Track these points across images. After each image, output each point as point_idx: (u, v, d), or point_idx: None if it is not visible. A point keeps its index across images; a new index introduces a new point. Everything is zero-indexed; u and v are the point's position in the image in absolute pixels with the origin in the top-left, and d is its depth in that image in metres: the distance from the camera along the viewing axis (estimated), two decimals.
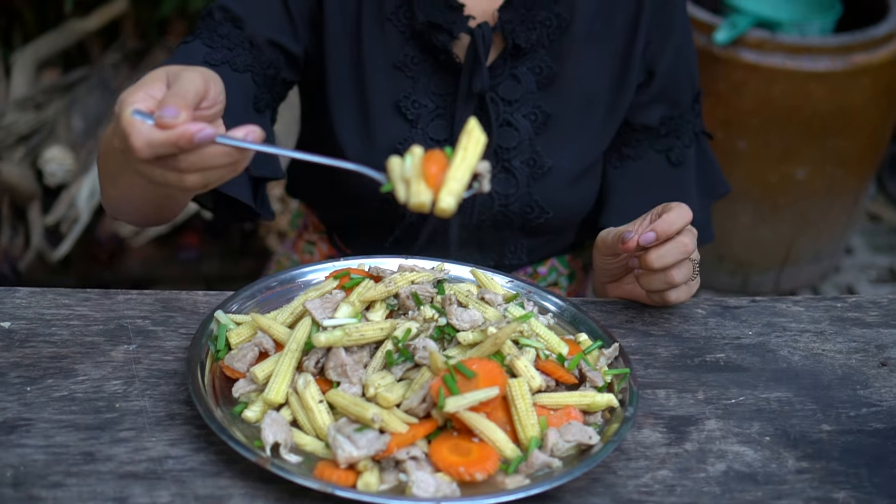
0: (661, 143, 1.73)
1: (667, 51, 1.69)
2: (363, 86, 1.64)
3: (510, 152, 1.65)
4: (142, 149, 1.11)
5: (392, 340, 1.29)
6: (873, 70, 2.88)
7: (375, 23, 1.63)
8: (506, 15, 1.61)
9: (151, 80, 1.16)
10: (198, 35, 1.56)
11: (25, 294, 1.46)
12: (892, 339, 1.51)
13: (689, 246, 1.40)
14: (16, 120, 2.79)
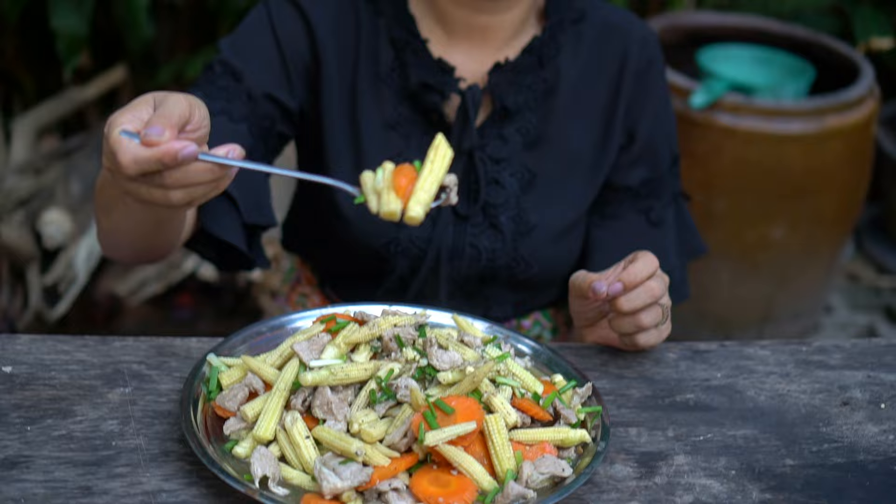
0: (641, 204, 1.80)
1: (646, 116, 1.78)
2: (358, 143, 1.72)
3: (497, 209, 1.73)
4: (128, 165, 1.18)
5: (375, 380, 1.36)
6: (846, 132, 2.98)
7: (371, 83, 1.72)
8: (495, 78, 1.71)
9: (139, 104, 1.23)
10: (198, 86, 1.65)
11: (26, 341, 1.53)
12: (854, 380, 1.58)
13: (657, 290, 1.47)
14: (16, 185, 2.87)
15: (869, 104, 3.04)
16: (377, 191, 1.28)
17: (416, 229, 1.70)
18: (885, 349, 1.66)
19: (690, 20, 3.42)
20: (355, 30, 1.72)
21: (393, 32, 1.71)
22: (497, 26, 1.71)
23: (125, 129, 1.18)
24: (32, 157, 3.02)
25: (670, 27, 3.35)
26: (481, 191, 1.71)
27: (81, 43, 3.05)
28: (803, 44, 3.33)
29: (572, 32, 1.76)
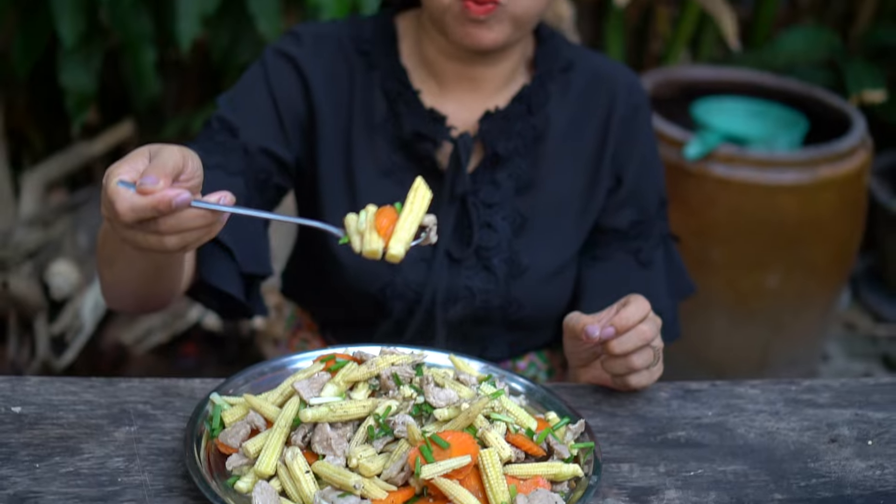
0: (630, 245, 1.85)
1: (633, 161, 1.83)
2: (354, 191, 1.78)
3: (490, 251, 1.78)
4: (125, 213, 1.24)
5: (373, 417, 1.40)
6: (839, 182, 3.03)
7: (365, 133, 1.78)
8: (485, 126, 1.76)
9: (135, 156, 1.29)
10: (197, 141, 1.72)
11: (35, 383, 1.57)
12: (842, 418, 1.62)
13: (648, 334, 1.52)
14: (24, 237, 2.93)
15: (861, 155, 3.10)
16: (360, 231, 1.37)
17: (411, 273, 1.75)
18: (872, 388, 1.70)
19: (686, 74, 3.49)
20: (349, 83, 1.78)
21: (386, 84, 1.77)
22: (487, 77, 1.78)
23: (122, 179, 1.24)
24: (41, 211, 3.08)
25: (665, 81, 3.42)
26: (474, 234, 1.76)
27: (89, 99, 3.12)
28: (796, 97, 3.39)
29: (561, 81, 1.82)
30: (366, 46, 1.79)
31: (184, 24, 2.93)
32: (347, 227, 1.39)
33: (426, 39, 1.77)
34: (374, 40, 1.80)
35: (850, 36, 4.06)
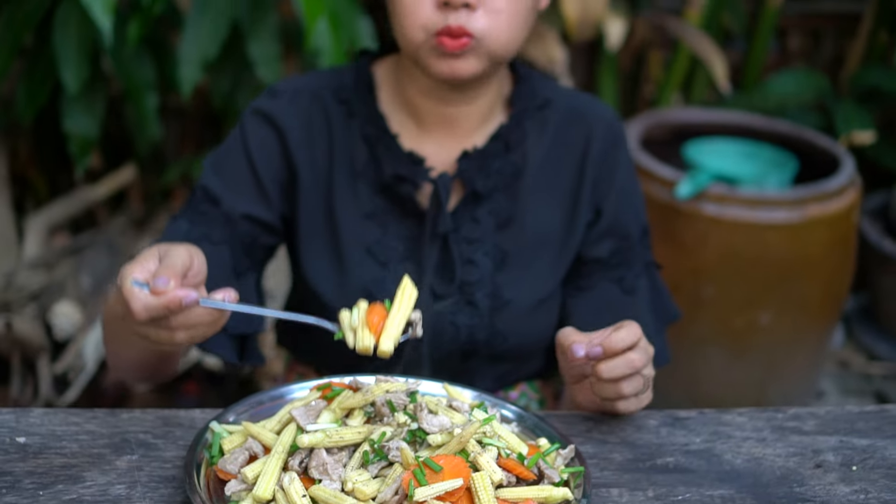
0: (613, 274, 1.88)
1: (612, 192, 1.87)
2: (337, 235, 1.82)
3: (473, 286, 1.82)
4: (140, 312, 1.34)
5: (368, 442, 1.44)
6: (828, 221, 3.08)
7: (347, 179, 1.83)
8: (464, 164, 1.81)
9: (146, 257, 1.40)
10: (184, 213, 1.80)
11: (39, 414, 1.61)
12: (828, 444, 1.65)
13: (637, 362, 1.55)
14: (28, 280, 2.98)
15: (850, 194, 3.15)
16: (353, 328, 1.49)
17: None
18: (857, 416, 1.74)
19: (677, 117, 3.55)
20: (328, 132, 1.83)
21: (365, 130, 1.82)
22: (465, 116, 1.82)
23: (136, 280, 1.36)
24: (44, 254, 3.13)
25: (657, 123, 3.48)
26: (456, 271, 1.80)
27: (92, 144, 3.17)
28: (786, 138, 3.45)
29: (538, 118, 1.86)
30: (345, 95, 1.85)
31: (185, 70, 2.99)
32: (342, 323, 1.50)
33: (406, 81, 1.82)
34: (353, 88, 1.85)
35: (840, 79, 4.12)
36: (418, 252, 1.82)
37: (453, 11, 1.65)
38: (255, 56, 3.05)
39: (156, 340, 1.41)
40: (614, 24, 3.29)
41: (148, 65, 3.11)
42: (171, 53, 3.15)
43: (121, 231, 3.30)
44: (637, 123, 3.41)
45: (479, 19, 1.66)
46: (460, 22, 1.65)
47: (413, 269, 1.81)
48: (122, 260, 3.18)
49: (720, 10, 3.87)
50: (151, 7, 2.87)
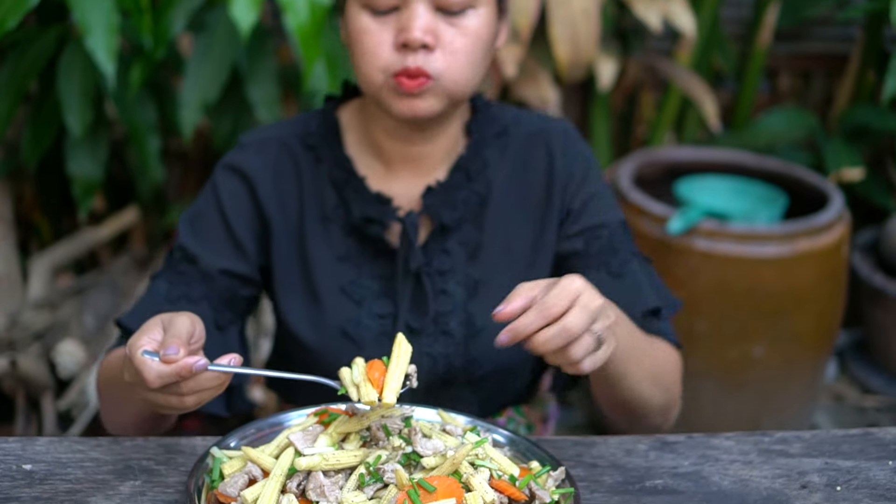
0: (595, 261, 1.85)
1: (578, 190, 1.88)
2: (311, 278, 1.86)
3: (447, 316, 1.85)
4: (153, 380, 1.42)
5: (364, 465, 1.49)
6: (818, 254, 3.14)
7: (318, 223, 1.87)
8: (428, 199, 1.84)
9: (152, 327, 1.48)
10: (163, 272, 1.85)
11: (45, 442, 1.66)
12: (813, 466, 1.70)
13: (575, 327, 1.43)
14: (33, 319, 3.03)
15: (839, 228, 3.21)
16: (356, 384, 1.54)
17: (375, 348, 1.82)
18: (841, 439, 1.78)
19: (669, 155, 3.62)
20: (297, 178, 1.88)
21: (333, 174, 1.86)
22: (429, 154, 1.86)
23: (146, 350, 1.43)
24: (48, 294, 3.18)
25: (650, 162, 3.55)
26: (430, 303, 1.84)
27: (96, 187, 3.24)
28: (776, 175, 3.52)
29: (496, 145, 1.89)
30: (312, 140, 1.88)
31: (186, 112, 3.05)
32: (343, 381, 1.55)
33: (370, 123, 1.85)
34: (319, 134, 1.89)
35: (829, 117, 4.20)
36: (392, 289, 1.85)
37: (412, 53, 1.69)
38: (254, 99, 3.12)
39: (165, 406, 1.47)
40: (606, 66, 3.36)
41: (150, 108, 3.18)
42: (172, 97, 3.22)
43: (123, 271, 3.36)
44: (629, 162, 3.47)
45: (436, 60, 1.71)
46: (418, 63, 1.69)
47: (388, 305, 1.85)
48: (124, 300, 3.23)
49: (710, 52, 3.95)
50: (153, 52, 2.95)
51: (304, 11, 2.78)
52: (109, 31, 2.78)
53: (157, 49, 2.95)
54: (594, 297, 1.47)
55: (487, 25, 1.75)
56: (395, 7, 1.71)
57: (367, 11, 1.72)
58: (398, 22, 1.71)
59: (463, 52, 1.72)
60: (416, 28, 1.68)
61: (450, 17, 1.71)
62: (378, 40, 1.71)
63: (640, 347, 1.73)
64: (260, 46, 3.12)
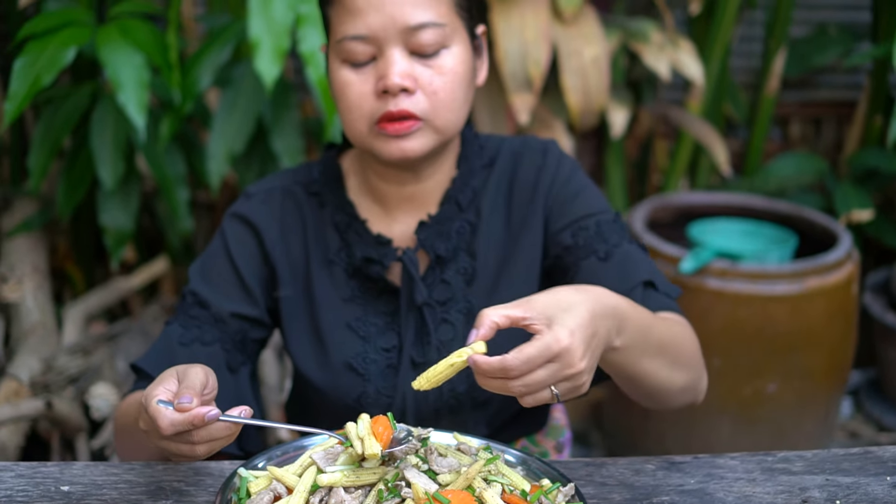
0: (585, 251, 1.87)
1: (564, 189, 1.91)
2: (317, 320, 1.92)
3: (449, 344, 1.90)
4: (167, 428, 1.48)
5: (383, 482, 1.57)
6: (827, 292, 3.21)
7: (323, 266, 1.93)
8: (422, 234, 1.90)
9: (167, 378, 1.55)
10: (176, 318, 1.91)
11: (81, 466, 1.75)
12: (814, 483, 1.76)
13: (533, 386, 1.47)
14: (67, 364, 3.14)
15: (848, 267, 3.28)
16: (361, 437, 1.59)
17: (381, 381, 1.89)
18: (842, 458, 1.85)
19: (683, 200, 3.71)
20: (302, 224, 1.94)
21: (336, 218, 1.93)
22: (424, 193, 1.92)
23: (161, 400, 1.50)
24: (82, 340, 3.30)
25: (663, 206, 3.64)
26: (432, 335, 1.89)
27: (127, 238, 3.36)
28: (786, 217, 3.60)
29: (483, 174, 1.94)
30: (315, 187, 1.95)
31: (213, 164, 3.17)
32: (349, 434, 1.60)
33: (367, 169, 1.92)
34: (322, 181, 1.95)
35: (839, 161, 4.28)
36: (397, 324, 1.91)
37: (392, 98, 1.75)
38: (278, 150, 3.23)
39: (177, 453, 1.55)
40: (618, 114, 3.47)
41: (179, 161, 3.30)
42: (200, 149, 3.35)
43: (154, 319, 3.47)
44: (643, 206, 3.57)
45: (419, 101, 1.76)
46: (400, 106, 1.75)
47: (393, 339, 1.91)
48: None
49: (721, 100, 4.05)
50: (182, 106, 3.08)
51: (325, 65, 2.90)
52: (140, 87, 2.90)
53: (185, 103, 3.08)
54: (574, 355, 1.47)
55: (463, 63, 1.80)
56: (373, 57, 1.76)
57: (347, 66, 1.78)
58: (377, 71, 1.76)
59: (443, 90, 1.77)
60: (393, 74, 1.73)
61: (425, 60, 1.76)
62: (359, 91, 1.77)
63: (654, 337, 1.69)
64: (284, 99, 3.25)
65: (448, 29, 1.77)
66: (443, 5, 1.77)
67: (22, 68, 2.88)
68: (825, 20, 4.44)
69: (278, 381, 3.20)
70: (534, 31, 3.21)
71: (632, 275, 1.81)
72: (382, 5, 1.73)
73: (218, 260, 1.93)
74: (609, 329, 1.55)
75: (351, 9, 1.75)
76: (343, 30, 1.76)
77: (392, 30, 1.74)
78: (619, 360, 1.64)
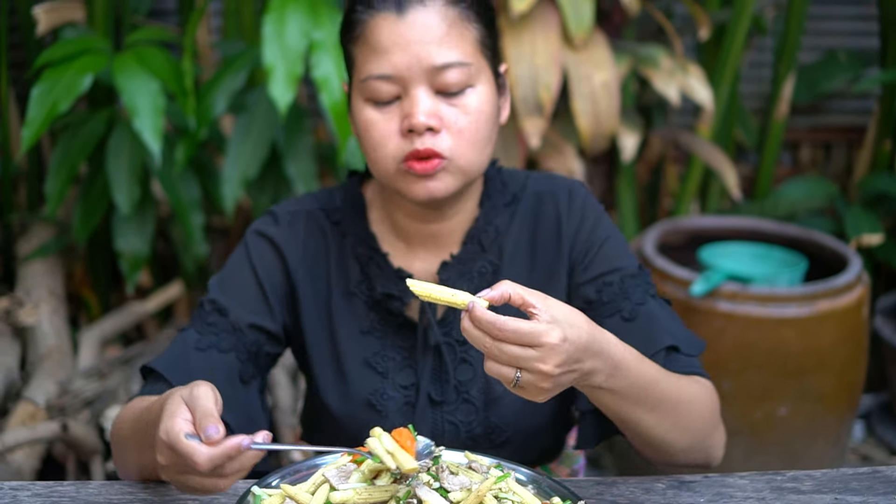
0: (609, 308, 1.85)
1: (588, 245, 1.89)
2: (337, 351, 1.92)
3: (468, 384, 1.90)
4: (205, 464, 1.44)
5: (395, 499, 1.59)
6: (838, 315, 3.22)
7: (343, 297, 1.92)
8: (444, 273, 1.89)
9: (178, 407, 1.49)
10: (193, 324, 1.90)
11: (97, 485, 1.77)
12: (823, 502, 1.77)
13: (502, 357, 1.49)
14: (83, 387, 3.17)
15: (858, 290, 3.29)
16: (389, 452, 1.58)
17: (398, 418, 1.89)
18: (851, 477, 1.86)
19: (694, 224, 3.73)
20: (325, 252, 1.93)
21: (357, 250, 1.92)
22: (448, 232, 1.91)
23: (189, 434, 1.45)
24: (97, 364, 3.33)
25: (674, 230, 3.66)
26: (450, 373, 1.89)
27: (142, 262, 3.40)
28: (796, 241, 3.62)
29: (506, 213, 1.93)
30: (337, 216, 1.94)
31: (228, 188, 3.21)
32: (375, 451, 1.58)
33: (390, 204, 1.91)
34: (345, 209, 1.94)
35: (849, 186, 4.30)
36: (414, 360, 1.91)
37: (418, 136, 1.74)
38: (292, 174, 3.27)
39: (199, 489, 1.50)
40: (628, 138, 3.49)
41: (194, 186, 3.34)
42: (214, 175, 3.39)
43: (168, 342, 3.50)
44: (654, 230, 3.59)
45: (444, 140, 1.75)
46: (427, 145, 1.74)
47: (411, 376, 1.91)
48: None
49: (731, 126, 4.08)
50: (197, 132, 3.12)
51: (339, 91, 2.94)
52: (155, 113, 2.95)
53: (200, 129, 3.13)
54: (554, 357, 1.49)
55: (488, 102, 1.79)
56: (397, 96, 1.76)
57: (371, 104, 1.77)
58: (401, 110, 1.75)
59: (468, 130, 1.76)
60: (419, 113, 1.73)
61: (450, 99, 1.76)
62: (385, 130, 1.76)
63: (654, 392, 1.70)
64: (297, 125, 3.29)
65: (473, 68, 1.76)
66: (468, 44, 1.76)
67: (39, 95, 2.93)
68: (834, 46, 4.48)
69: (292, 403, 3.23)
70: (544, 56, 3.25)
71: (655, 339, 1.80)
72: (408, 45, 1.73)
73: (239, 271, 1.92)
74: (595, 368, 1.57)
75: (376, 48, 1.75)
76: (368, 69, 1.76)
77: (418, 69, 1.73)
78: (608, 404, 1.67)
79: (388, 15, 1.74)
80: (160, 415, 1.51)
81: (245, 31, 3.55)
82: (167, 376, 1.81)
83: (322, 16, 2.96)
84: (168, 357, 1.85)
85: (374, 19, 1.75)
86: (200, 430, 1.44)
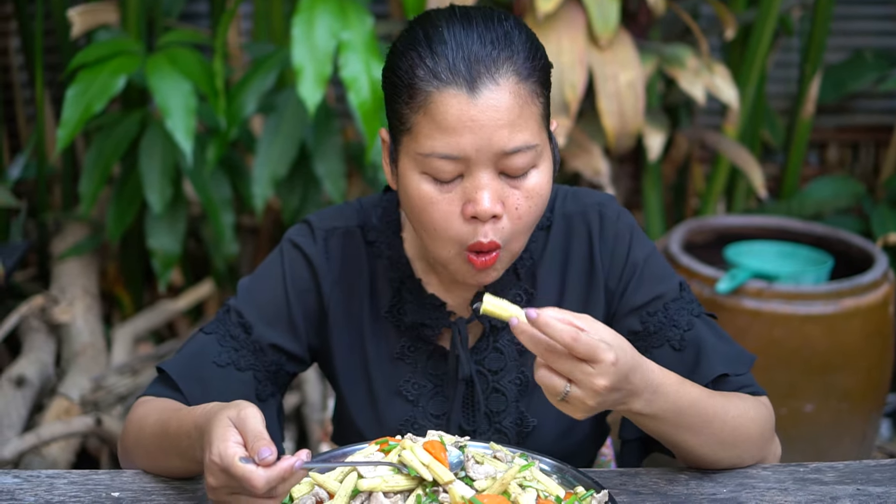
0: (656, 339, 1.83)
1: (625, 267, 1.86)
2: (368, 376, 1.91)
3: (500, 415, 1.89)
4: (263, 487, 1.43)
5: (421, 487, 1.62)
6: (863, 312, 3.22)
7: (374, 320, 1.88)
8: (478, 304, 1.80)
9: (227, 430, 1.48)
10: (215, 330, 1.86)
11: (131, 474, 1.81)
12: (845, 492, 1.79)
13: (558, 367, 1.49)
14: (116, 383, 3.23)
15: (884, 287, 3.30)
16: (425, 464, 1.61)
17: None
18: (874, 468, 1.88)
19: (720, 222, 3.74)
20: (358, 272, 1.89)
21: (390, 273, 1.87)
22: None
23: (244, 458, 1.44)
24: (130, 360, 3.38)
25: (700, 228, 3.67)
26: (481, 403, 1.88)
27: (174, 261, 3.45)
28: (823, 239, 3.62)
29: (541, 239, 1.87)
30: (372, 236, 1.88)
31: (257, 187, 3.26)
32: (410, 463, 1.61)
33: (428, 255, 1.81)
34: (380, 229, 1.88)
35: (876, 185, 4.30)
36: (445, 389, 1.90)
37: (481, 224, 1.65)
38: (321, 174, 3.31)
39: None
40: (654, 137, 3.51)
41: (224, 185, 3.39)
42: (244, 174, 3.44)
43: None
44: (680, 229, 3.60)
45: (504, 227, 1.67)
46: (490, 237, 1.66)
47: (442, 405, 1.90)
48: None
49: (757, 125, 4.09)
50: (227, 132, 3.17)
51: (366, 90, 2.98)
52: (187, 114, 3.00)
53: (230, 129, 3.17)
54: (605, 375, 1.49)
55: (549, 181, 1.70)
56: (459, 175, 1.65)
57: (429, 179, 1.66)
58: (464, 191, 1.65)
59: (528, 215, 1.68)
60: (485, 199, 1.63)
61: (513, 181, 1.66)
62: (446, 212, 1.66)
63: (697, 413, 1.68)
64: (326, 125, 3.33)
65: (539, 148, 1.66)
66: (535, 123, 1.65)
67: (74, 96, 2.98)
68: (860, 46, 4.48)
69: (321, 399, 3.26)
70: (570, 55, 3.28)
71: (705, 369, 1.77)
72: (480, 128, 1.60)
73: (271, 284, 1.88)
74: (637, 390, 1.57)
75: (442, 126, 1.61)
76: (431, 145, 1.62)
77: (487, 153, 1.62)
78: (651, 427, 1.68)
79: (459, 92, 1.60)
80: (206, 436, 1.51)
81: (274, 33, 3.60)
82: (180, 385, 1.81)
83: (350, 16, 3.01)
84: (184, 364, 1.83)
85: (442, 94, 1.61)
86: (253, 453, 1.44)
